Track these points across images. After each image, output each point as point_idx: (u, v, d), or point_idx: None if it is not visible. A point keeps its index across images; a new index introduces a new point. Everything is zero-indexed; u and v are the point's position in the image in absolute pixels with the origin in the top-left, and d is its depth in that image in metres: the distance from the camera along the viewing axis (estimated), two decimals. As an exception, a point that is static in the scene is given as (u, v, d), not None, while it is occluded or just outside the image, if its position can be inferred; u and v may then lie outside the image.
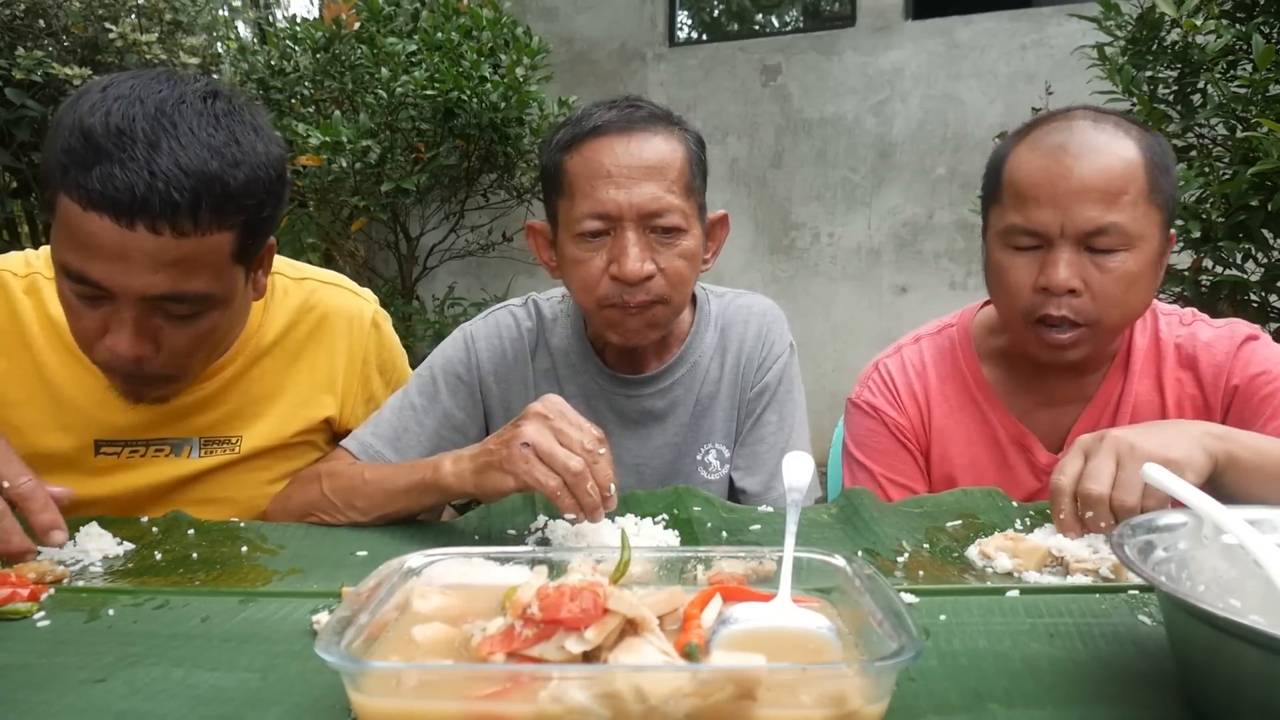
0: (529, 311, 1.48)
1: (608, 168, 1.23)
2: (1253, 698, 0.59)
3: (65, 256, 1.04)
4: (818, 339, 5.35)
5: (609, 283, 1.26)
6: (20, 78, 3.83)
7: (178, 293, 1.06)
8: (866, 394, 1.49)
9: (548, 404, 1.07)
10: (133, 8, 4.36)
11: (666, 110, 1.33)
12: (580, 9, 5.93)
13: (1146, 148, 1.24)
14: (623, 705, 0.56)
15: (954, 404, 1.44)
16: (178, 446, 1.31)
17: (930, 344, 1.50)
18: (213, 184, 1.02)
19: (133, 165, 0.98)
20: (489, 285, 5.72)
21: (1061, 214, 1.21)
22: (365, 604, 0.69)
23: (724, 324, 1.47)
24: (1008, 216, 1.28)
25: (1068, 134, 1.25)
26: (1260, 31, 2.39)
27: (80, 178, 0.98)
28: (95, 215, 0.99)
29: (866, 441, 1.47)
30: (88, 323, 1.09)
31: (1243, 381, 1.30)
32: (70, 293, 1.08)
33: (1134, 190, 1.21)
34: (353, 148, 4.27)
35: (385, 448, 1.35)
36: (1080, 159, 1.22)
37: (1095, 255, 1.22)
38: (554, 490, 1.00)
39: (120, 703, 0.69)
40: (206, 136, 1.03)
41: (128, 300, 1.05)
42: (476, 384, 1.43)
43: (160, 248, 1.01)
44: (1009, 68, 4.99)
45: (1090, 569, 0.94)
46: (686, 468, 1.45)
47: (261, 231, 1.13)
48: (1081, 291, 1.22)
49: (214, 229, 1.04)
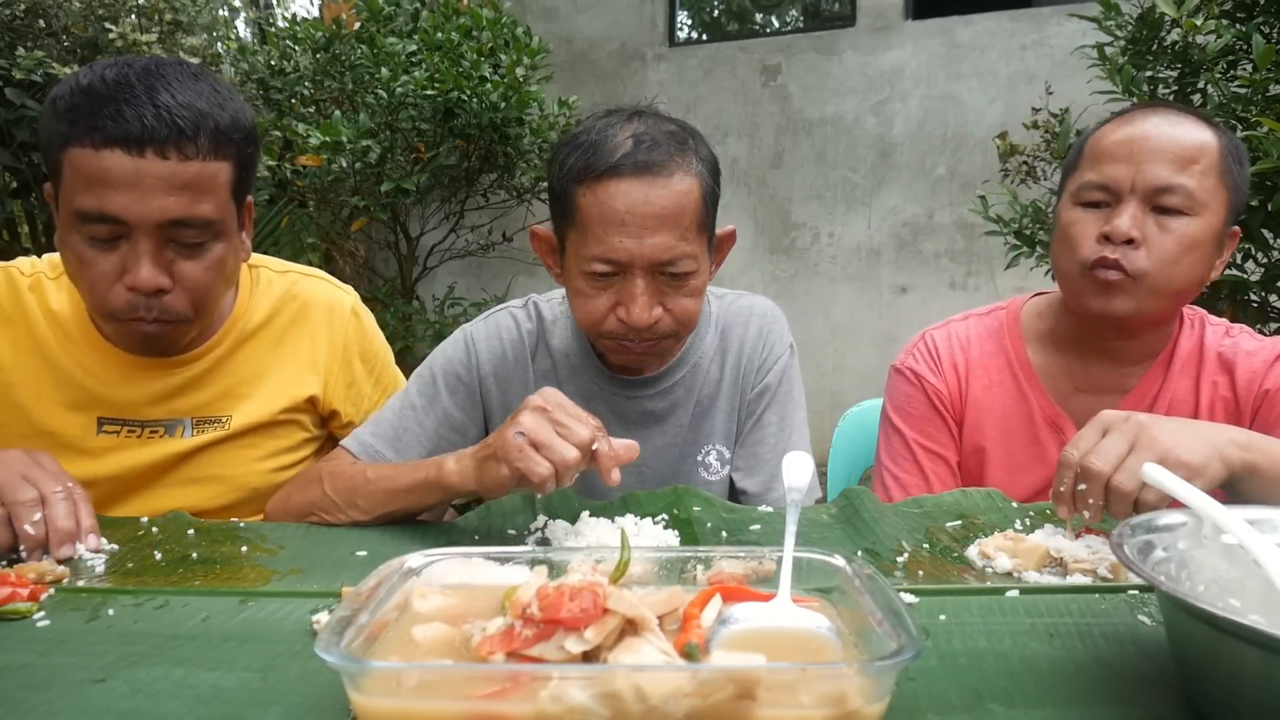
0: (529, 313, 1.48)
1: (622, 215, 1.19)
2: (1252, 697, 0.59)
3: (81, 202, 1.13)
4: (818, 339, 5.35)
5: (615, 321, 1.26)
6: (20, 78, 3.83)
7: (188, 216, 1.16)
8: (910, 360, 1.53)
9: (546, 396, 1.07)
10: (133, 8, 4.36)
11: (683, 132, 1.27)
12: (580, 9, 5.93)
13: (1225, 138, 1.30)
14: (623, 705, 0.56)
15: (994, 379, 1.47)
16: (171, 427, 1.37)
17: (979, 322, 1.54)
18: (206, 118, 1.15)
19: (136, 103, 1.11)
20: (489, 285, 5.73)
21: (1134, 170, 1.27)
22: (365, 604, 0.69)
23: (724, 325, 1.47)
24: (1084, 175, 1.33)
25: (1156, 113, 1.32)
26: (1260, 31, 2.39)
27: (91, 122, 1.10)
28: (109, 152, 1.10)
29: (905, 407, 1.50)
30: (104, 268, 1.17)
31: (1274, 387, 1.33)
32: (85, 243, 1.16)
33: (1205, 162, 1.26)
34: (353, 148, 4.28)
35: (385, 447, 1.35)
36: (1161, 128, 1.29)
37: (1159, 215, 1.27)
38: (542, 479, 1.00)
39: (120, 703, 0.69)
40: (191, 85, 1.17)
41: (144, 230, 1.15)
42: (476, 385, 1.43)
43: (170, 171, 1.13)
44: (1009, 68, 4.99)
45: (1089, 569, 0.94)
46: (687, 469, 1.45)
47: (248, 169, 1.25)
48: (1140, 244, 1.26)
49: (212, 156, 1.17)
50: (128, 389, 1.33)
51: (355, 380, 1.50)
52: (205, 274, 1.22)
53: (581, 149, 1.23)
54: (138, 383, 1.33)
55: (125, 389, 1.33)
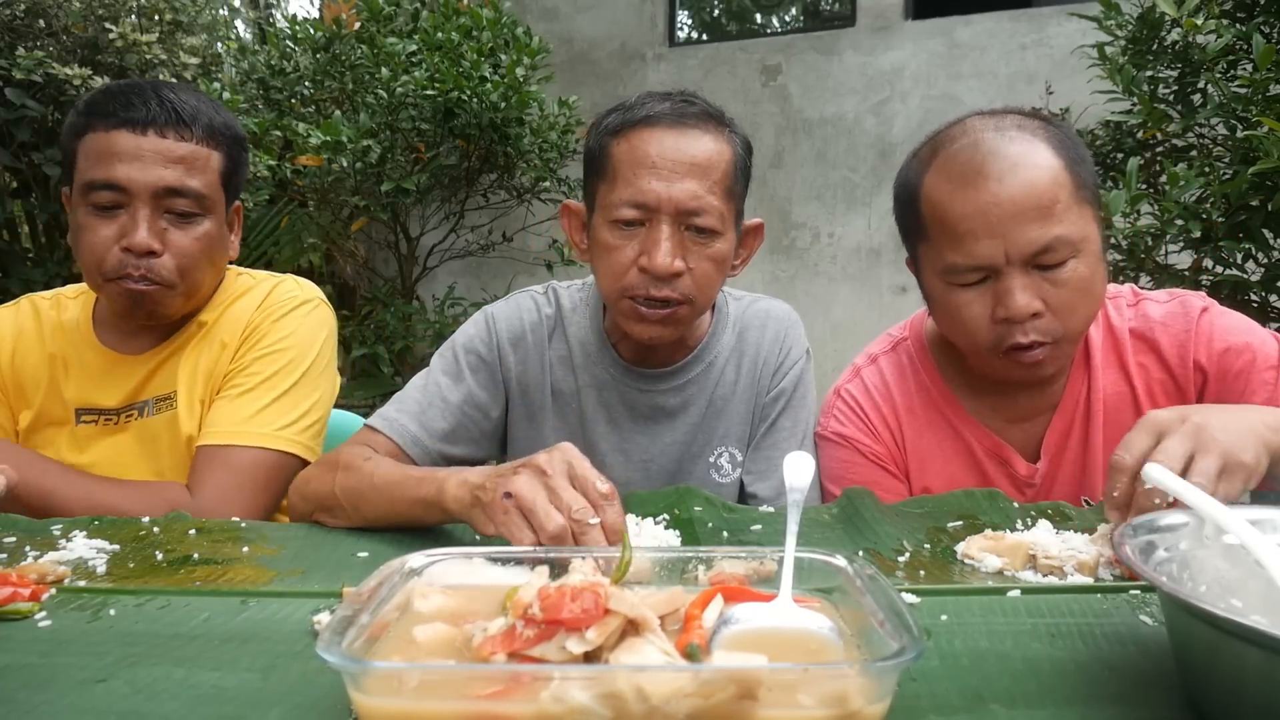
0: (549, 299, 1.49)
1: (653, 158, 1.23)
2: (1254, 698, 0.59)
3: (90, 174, 1.33)
4: (818, 339, 5.32)
5: (636, 274, 1.26)
6: (20, 78, 3.83)
7: (182, 186, 1.36)
8: (835, 424, 1.42)
9: (554, 456, 0.95)
10: (133, 8, 4.36)
11: (720, 110, 1.33)
12: (580, 9, 5.93)
13: (1059, 144, 1.20)
14: (624, 705, 0.56)
15: (924, 422, 1.39)
16: (142, 409, 1.49)
17: (888, 362, 1.45)
18: (201, 114, 1.39)
19: (143, 98, 1.35)
20: (489, 285, 5.73)
21: (1003, 242, 1.17)
22: (366, 604, 0.69)
23: (741, 327, 1.47)
24: (945, 256, 1.22)
25: (975, 151, 1.20)
26: (1260, 31, 2.40)
27: (104, 110, 1.34)
28: (117, 132, 1.33)
29: (845, 475, 1.38)
30: (105, 232, 1.34)
31: (1209, 361, 1.27)
32: (90, 210, 1.35)
33: (1064, 195, 1.17)
34: (353, 148, 4.28)
35: (411, 422, 1.35)
36: (1003, 180, 1.17)
37: (1045, 271, 1.18)
38: (522, 544, 0.89)
39: (121, 703, 0.69)
40: (193, 94, 1.42)
41: (142, 198, 1.34)
42: (497, 362, 1.43)
43: (167, 148, 1.35)
44: (1009, 68, 5.00)
45: (1055, 566, 0.93)
46: (698, 470, 1.44)
47: (238, 169, 1.46)
48: (1043, 312, 1.19)
49: (206, 143, 1.39)
50: (108, 383, 1.47)
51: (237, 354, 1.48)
52: (193, 244, 1.39)
53: (620, 109, 1.31)
54: (118, 378, 1.47)
55: (105, 383, 1.47)
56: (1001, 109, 1.27)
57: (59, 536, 1.10)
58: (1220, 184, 2.38)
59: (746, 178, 1.33)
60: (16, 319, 1.53)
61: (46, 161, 4.03)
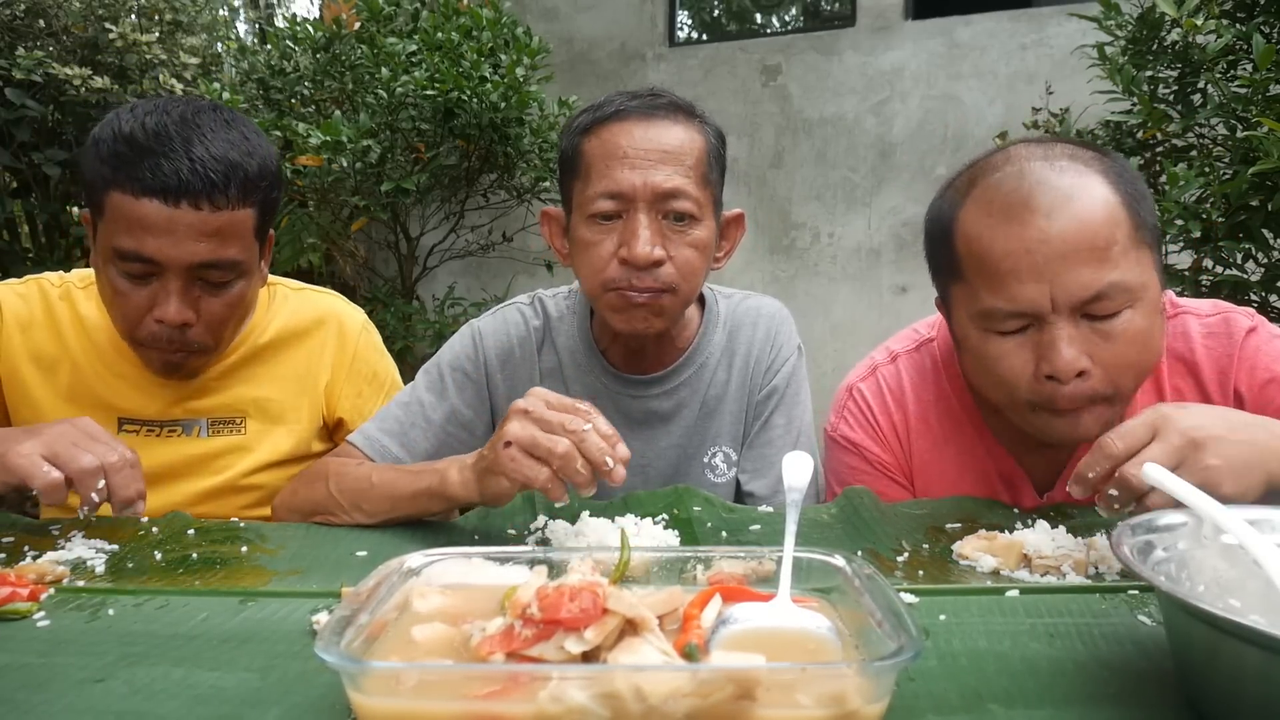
0: (535, 309, 1.48)
1: (624, 149, 1.24)
2: (1252, 697, 0.59)
3: (119, 242, 1.24)
4: (818, 339, 5.34)
5: (617, 266, 1.25)
6: (20, 78, 3.83)
7: (216, 259, 1.27)
8: (844, 427, 1.36)
9: (529, 398, 1.05)
10: (133, 8, 4.36)
11: (690, 103, 1.33)
12: (580, 9, 5.93)
13: (1116, 177, 1.06)
14: (622, 705, 0.56)
15: (939, 435, 1.29)
16: (188, 427, 1.46)
17: (909, 363, 1.34)
18: (236, 169, 1.26)
19: (174, 157, 1.22)
20: (489, 285, 5.73)
21: (1049, 286, 1.02)
22: (365, 604, 0.69)
23: (732, 325, 1.47)
24: (982, 299, 1.08)
25: (1021, 181, 1.05)
26: (1260, 31, 2.39)
27: (131, 172, 1.21)
28: (147, 200, 1.21)
29: (850, 480, 1.33)
30: (136, 300, 1.28)
31: (1249, 390, 1.17)
32: (121, 276, 1.27)
33: (1122, 236, 1.03)
34: (353, 148, 4.27)
35: (392, 443, 1.35)
36: (1052, 215, 1.02)
37: (1096, 322, 1.03)
38: (544, 483, 0.99)
39: (120, 703, 0.69)
40: (224, 134, 1.27)
41: (175, 270, 1.25)
42: (484, 380, 1.43)
43: (201, 221, 1.24)
44: (1009, 68, 5.00)
45: (1051, 566, 0.94)
46: (694, 470, 1.44)
47: (271, 210, 1.36)
48: (1090, 370, 1.03)
49: (240, 205, 1.27)
50: (147, 394, 1.43)
51: (362, 392, 1.55)
52: (226, 309, 1.33)
53: (589, 110, 1.31)
54: (157, 388, 1.43)
55: (144, 394, 1.43)
56: (1051, 137, 1.17)
57: (58, 536, 1.10)
58: (1220, 184, 2.38)
59: (722, 167, 1.34)
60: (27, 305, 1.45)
61: (46, 161, 4.02)
